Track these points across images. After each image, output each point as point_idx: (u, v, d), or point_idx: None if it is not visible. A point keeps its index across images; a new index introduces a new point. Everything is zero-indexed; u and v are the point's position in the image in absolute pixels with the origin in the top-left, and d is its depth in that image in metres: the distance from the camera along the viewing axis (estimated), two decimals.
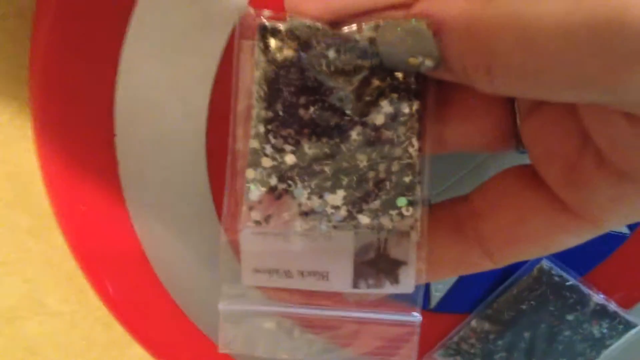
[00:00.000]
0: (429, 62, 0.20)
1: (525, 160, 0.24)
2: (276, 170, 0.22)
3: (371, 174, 0.22)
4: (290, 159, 0.22)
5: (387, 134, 0.22)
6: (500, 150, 0.24)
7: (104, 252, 0.31)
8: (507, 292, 0.36)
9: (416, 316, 0.24)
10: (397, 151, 0.22)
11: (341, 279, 0.23)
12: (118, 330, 0.34)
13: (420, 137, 0.22)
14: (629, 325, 0.37)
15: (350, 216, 0.23)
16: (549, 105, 0.21)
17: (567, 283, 0.35)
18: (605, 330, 0.37)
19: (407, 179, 0.23)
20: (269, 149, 0.22)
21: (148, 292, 0.32)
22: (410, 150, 0.22)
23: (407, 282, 0.23)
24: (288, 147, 0.22)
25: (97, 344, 0.36)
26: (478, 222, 0.23)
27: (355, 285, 0.23)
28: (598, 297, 0.36)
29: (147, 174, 0.30)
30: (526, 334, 0.37)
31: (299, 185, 0.22)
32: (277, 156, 0.22)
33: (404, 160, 0.22)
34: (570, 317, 0.36)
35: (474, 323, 0.37)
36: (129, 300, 0.32)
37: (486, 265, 0.23)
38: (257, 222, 0.22)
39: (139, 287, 0.32)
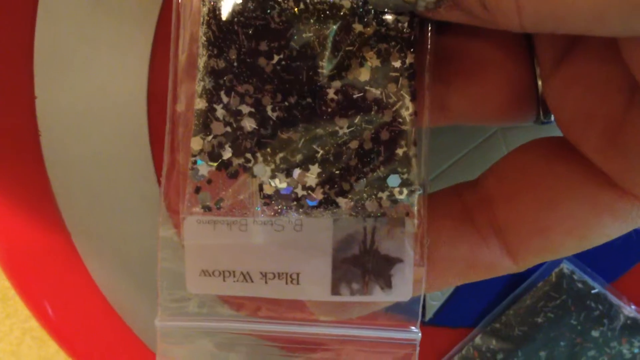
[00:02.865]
0: None
1: (546, 133, 0.19)
2: (230, 138, 0.17)
3: (354, 144, 0.17)
4: (248, 123, 0.17)
5: (374, 93, 0.17)
6: (517, 119, 0.19)
7: (39, 267, 0.25)
8: (518, 302, 0.31)
9: (415, 332, 0.18)
10: (387, 115, 0.17)
11: (316, 283, 0.18)
12: (52, 346, 0.29)
13: (415, 98, 0.18)
14: None
15: (328, 200, 0.17)
16: (583, 51, 0.16)
17: (593, 291, 0.30)
18: (637, 350, 0.31)
19: (400, 151, 0.17)
20: (220, 111, 0.17)
21: (90, 308, 0.26)
22: (404, 113, 0.17)
23: (403, 286, 0.18)
24: (246, 109, 0.17)
25: None
26: (494, 211, 0.18)
27: (334, 290, 0.18)
28: (629, 309, 0.31)
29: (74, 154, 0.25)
30: (542, 354, 0.31)
31: (261, 159, 0.17)
32: (232, 120, 0.17)
33: (396, 127, 0.17)
34: (595, 334, 0.31)
35: (478, 340, 0.32)
36: (69, 319, 0.26)
37: (505, 266, 0.18)
38: (206, 208, 0.17)
39: (80, 304, 0.26)
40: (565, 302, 0.30)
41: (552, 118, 0.18)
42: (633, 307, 0.31)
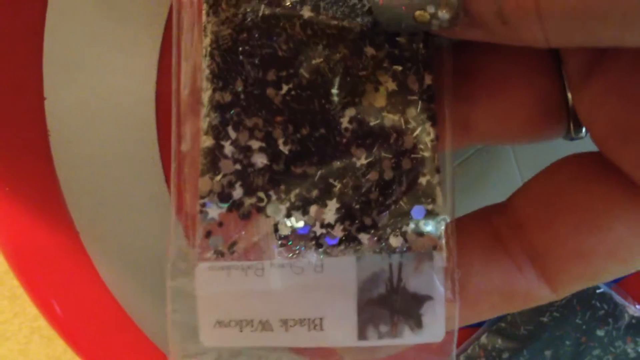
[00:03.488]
0: (444, 14, 0.14)
1: (570, 150, 0.18)
2: (241, 177, 0.16)
3: (373, 176, 0.16)
4: (259, 159, 0.16)
5: (391, 119, 0.16)
6: (546, 135, 0.17)
7: (48, 266, 0.25)
8: None
9: None
10: (407, 142, 0.16)
11: (341, 328, 0.16)
12: (60, 345, 0.28)
13: (436, 122, 0.16)
14: None
15: (349, 237, 0.16)
16: (616, 57, 0.15)
17: (598, 290, 0.30)
18: None
19: (422, 180, 0.16)
20: (228, 148, 0.16)
21: (99, 308, 0.26)
22: (425, 139, 0.16)
23: (435, 325, 0.16)
24: (256, 144, 0.16)
25: None
26: (528, 236, 0.16)
27: (361, 335, 0.16)
28: (634, 309, 0.31)
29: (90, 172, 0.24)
30: (547, 353, 0.31)
31: (274, 197, 0.16)
32: (242, 157, 0.16)
33: (417, 154, 0.16)
34: (600, 333, 0.31)
35: (484, 339, 0.31)
36: (77, 318, 0.26)
37: (543, 294, 0.16)
38: (219, 253, 0.16)
39: (88, 303, 0.26)
40: (571, 301, 0.30)
41: (584, 133, 0.17)
42: (638, 306, 0.31)
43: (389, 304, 0.16)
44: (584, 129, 0.17)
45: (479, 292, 0.16)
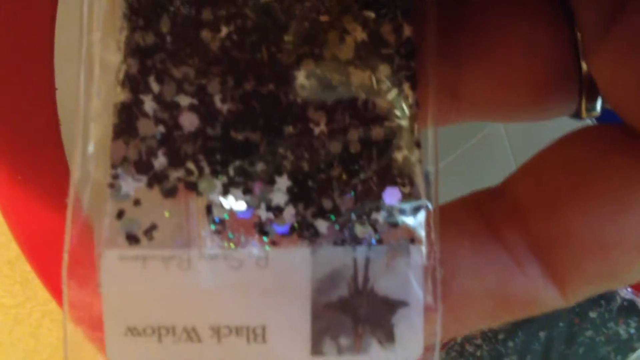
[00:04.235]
0: None
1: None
2: (165, 142, 0.12)
3: (335, 147, 0.13)
4: (189, 120, 0.12)
5: (360, 76, 0.13)
6: (551, 111, 0.14)
7: (60, 252, 0.24)
8: None
9: None
10: (380, 106, 0.13)
11: (290, 340, 0.13)
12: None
13: (416, 85, 0.13)
14: None
15: (303, 224, 0.13)
16: None
17: None
18: (633, 331, 0.32)
19: (398, 156, 0.13)
20: (150, 104, 0.12)
21: None
22: (403, 104, 0.13)
23: (411, 339, 0.13)
24: (185, 100, 0.12)
25: (47, 344, 0.31)
26: (529, 225, 0.13)
27: (316, 349, 0.13)
28: (625, 292, 0.32)
29: None
30: (541, 334, 0.33)
31: (208, 170, 0.12)
32: (166, 116, 0.12)
33: (392, 122, 0.13)
34: (592, 315, 0.33)
35: None
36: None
37: (550, 298, 0.13)
38: (132, 238, 0.12)
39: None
40: None
41: (598, 107, 0.14)
42: (629, 289, 0.32)
43: (351, 310, 0.13)
44: (598, 103, 0.14)
45: (467, 296, 0.13)
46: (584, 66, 0.13)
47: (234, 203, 0.12)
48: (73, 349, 0.13)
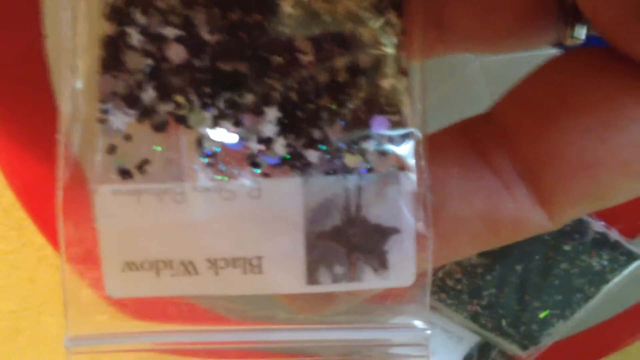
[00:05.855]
0: None
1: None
2: (153, 75, 0.12)
3: (323, 77, 0.13)
4: (176, 52, 0.12)
5: (346, 4, 0.13)
6: (534, 37, 0.14)
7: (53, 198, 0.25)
8: None
9: (423, 330, 0.14)
10: (365, 34, 0.13)
11: (285, 269, 0.13)
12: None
13: (402, 12, 0.13)
14: (632, 257, 0.33)
15: (294, 154, 0.13)
16: None
17: None
18: (605, 263, 0.33)
19: (386, 83, 0.13)
20: (136, 36, 0.12)
21: None
22: (389, 31, 0.13)
23: (403, 265, 0.13)
24: (171, 32, 0.12)
25: (44, 287, 0.32)
26: (517, 147, 0.13)
27: (311, 278, 0.13)
28: (598, 225, 0.32)
29: None
30: (518, 267, 0.33)
31: (197, 102, 0.12)
32: (154, 49, 0.12)
33: (379, 50, 0.13)
34: (567, 248, 0.33)
35: None
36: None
37: (536, 221, 0.13)
38: (125, 173, 0.12)
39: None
40: None
41: (582, 33, 0.14)
42: (601, 223, 0.32)
43: (345, 239, 0.13)
44: (583, 30, 0.14)
45: (457, 221, 0.13)
46: None
47: (225, 135, 0.13)
48: (70, 290, 0.13)
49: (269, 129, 0.13)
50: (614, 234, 0.33)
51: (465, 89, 0.23)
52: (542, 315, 0.34)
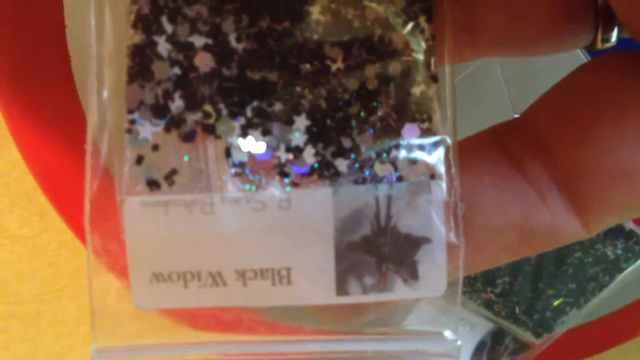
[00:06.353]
0: None
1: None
2: (181, 85, 0.12)
3: (352, 84, 0.13)
4: (204, 61, 0.12)
5: (375, 10, 0.13)
6: (567, 41, 0.14)
7: (74, 184, 0.27)
8: None
9: (453, 340, 0.14)
10: (396, 41, 0.13)
11: (315, 280, 0.13)
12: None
13: (432, 17, 0.13)
14: None
15: (323, 163, 0.13)
16: None
17: None
18: (620, 252, 0.32)
19: (416, 91, 0.13)
20: (164, 45, 0.12)
21: None
22: (418, 38, 0.13)
23: (434, 275, 0.13)
24: (200, 40, 0.12)
25: (64, 272, 0.33)
26: (553, 156, 0.13)
27: (341, 289, 0.13)
28: None
29: None
30: (532, 256, 0.31)
31: (225, 111, 0.12)
32: (181, 58, 0.12)
33: (409, 57, 0.13)
34: None
35: None
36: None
37: (571, 230, 0.13)
38: (153, 184, 0.12)
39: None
40: None
41: (615, 37, 0.14)
42: None
43: (375, 249, 0.13)
44: (614, 33, 0.14)
45: (491, 230, 0.13)
46: None
47: (253, 145, 0.12)
48: (98, 300, 0.13)
49: (298, 137, 0.12)
50: (629, 223, 0.32)
51: (480, 81, 0.23)
52: (555, 303, 0.34)
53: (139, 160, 0.12)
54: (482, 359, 0.34)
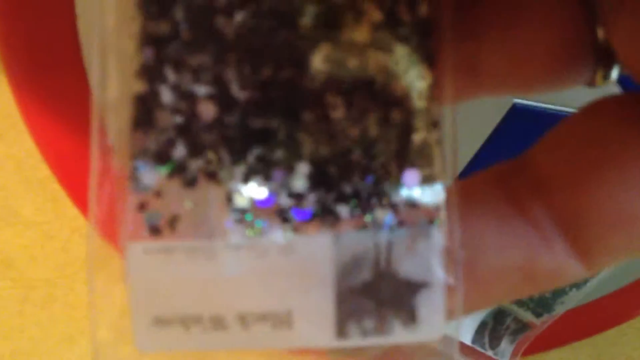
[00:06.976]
0: None
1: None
2: (184, 132, 0.12)
3: (353, 131, 0.13)
4: (207, 109, 0.12)
5: (377, 59, 0.13)
6: (567, 80, 0.14)
7: (86, 171, 0.26)
8: None
9: None
10: (397, 89, 0.13)
11: (315, 324, 0.13)
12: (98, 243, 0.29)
13: (433, 63, 0.13)
14: None
15: (324, 209, 0.13)
16: None
17: None
18: None
19: (417, 137, 0.13)
20: (167, 94, 0.12)
21: None
22: (419, 85, 0.13)
23: (432, 319, 0.13)
24: (202, 89, 0.12)
25: (77, 257, 0.33)
26: (555, 199, 0.13)
27: (341, 333, 0.13)
28: None
29: None
30: None
31: (227, 158, 0.12)
32: (184, 106, 0.12)
33: (410, 104, 0.13)
34: None
35: None
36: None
37: (573, 271, 0.13)
38: (155, 230, 0.12)
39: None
40: None
41: (614, 75, 0.14)
42: None
43: (374, 293, 0.13)
44: (614, 71, 0.14)
45: (494, 273, 0.13)
46: (600, 33, 0.13)
47: (255, 191, 0.12)
48: (105, 349, 0.13)
49: (299, 184, 0.13)
50: None
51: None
52: None
53: (142, 206, 0.12)
54: (484, 338, 0.33)
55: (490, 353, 0.33)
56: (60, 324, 0.34)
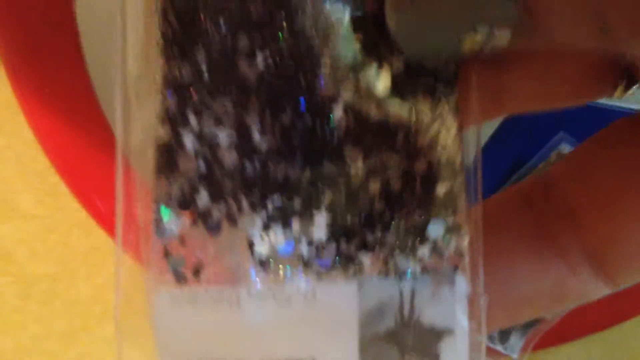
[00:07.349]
0: (502, 33, 0.11)
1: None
2: (207, 178, 0.12)
3: (374, 186, 0.12)
4: (229, 155, 0.12)
5: (399, 109, 0.12)
6: (593, 95, 0.14)
7: (86, 163, 0.28)
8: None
9: None
10: (421, 139, 0.13)
11: None
12: (99, 236, 0.31)
13: (458, 109, 0.13)
14: None
15: (347, 257, 0.13)
16: None
17: None
18: None
19: (442, 188, 0.13)
20: (190, 140, 0.12)
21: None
22: (445, 135, 0.13)
23: None
24: (224, 133, 0.12)
25: (78, 251, 0.33)
26: (582, 227, 0.13)
27: None
28: None
29: None
30: None
31: (247, 205, 0.12)
32: (206, 152, 0.12)
33: (435, 155, 0.13)
34: None
35: None
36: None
37: (597, 292, 0.14)
38: (180, 278, 0.12)
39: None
40: None
41: (633, 90, 0.14)
42: None
43: (398, 341, 0.13)
44: (635, 87, 0.14)
45: (524, 300, 0.13)
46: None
47: (275, 238, 0.12)
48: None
49: (319, 232, 0.12)
50: None
51: None
52: None
53: (166, 253, 0.12)
54: (493, 332, 0.33)
55: (499, 347, 0.33)
56: (62, 320, 0.33)
